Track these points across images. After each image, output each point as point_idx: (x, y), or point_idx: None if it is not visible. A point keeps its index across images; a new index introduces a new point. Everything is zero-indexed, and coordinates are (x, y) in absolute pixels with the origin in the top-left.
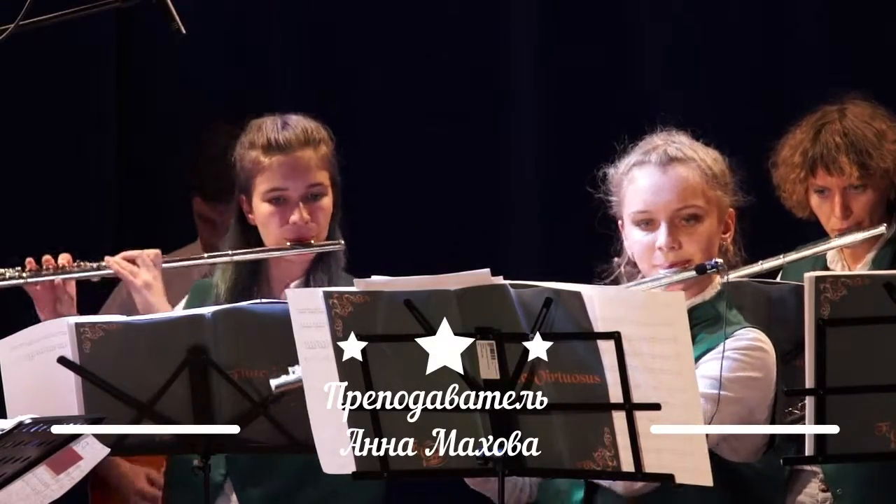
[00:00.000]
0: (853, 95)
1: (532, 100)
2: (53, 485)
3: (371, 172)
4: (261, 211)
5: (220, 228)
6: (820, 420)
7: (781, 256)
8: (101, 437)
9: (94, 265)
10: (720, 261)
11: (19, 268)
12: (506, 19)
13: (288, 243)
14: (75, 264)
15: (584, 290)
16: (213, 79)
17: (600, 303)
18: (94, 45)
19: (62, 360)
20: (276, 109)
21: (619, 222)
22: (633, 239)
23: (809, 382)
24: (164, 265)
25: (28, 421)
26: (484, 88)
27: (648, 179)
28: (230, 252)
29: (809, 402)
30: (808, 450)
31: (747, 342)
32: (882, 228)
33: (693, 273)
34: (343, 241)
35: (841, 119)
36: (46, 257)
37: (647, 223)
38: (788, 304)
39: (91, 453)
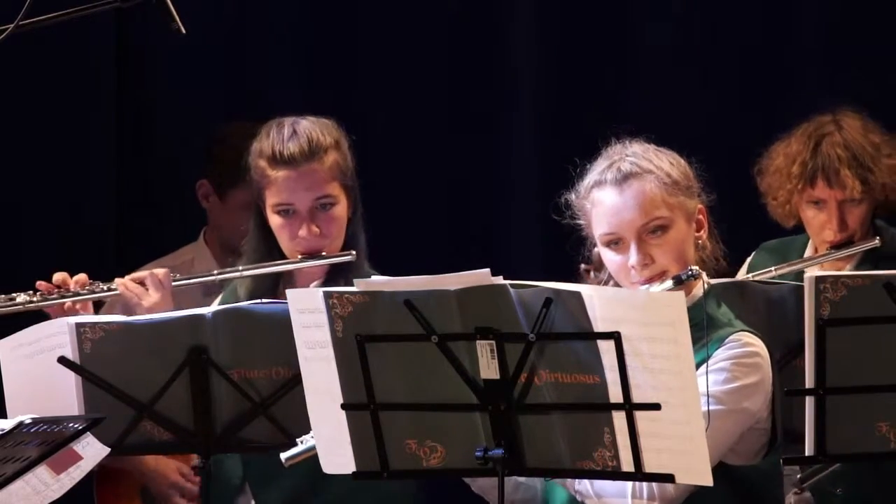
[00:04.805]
0: (844, 108)
1: (532, 100)
2: (54, 485)
3: (370, 173)
4: (273, 222)
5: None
6: (820, 420)
7: (773, 269)
8: (101, 437)
9: (105, 287)
10: (695, 268)
11: (31, 291)
12: (506, 19)
13: (299, 256)
14: (87, 286)
15: (584, 290)
16: (213, 79)
17: (600, 303)
18: (94, 45)
19: (62, 360)
20: (274, 110)
21: (594, 242)
22: (608, 259)
23: (809, 382)
24: (175, 283)
25: (28, 421)
26: (484, 88)
27: (608, 200)
28: (241, 268)
29: (809, 401)
30: (809, 450)
31: (740, 349)
32: (876, 241)
33: (670, 284)
34: (354, 252)
35: (839, 131)
36: (62, 278)
37: (616, 243)
38: (788, 304)
39: (91, 453)
